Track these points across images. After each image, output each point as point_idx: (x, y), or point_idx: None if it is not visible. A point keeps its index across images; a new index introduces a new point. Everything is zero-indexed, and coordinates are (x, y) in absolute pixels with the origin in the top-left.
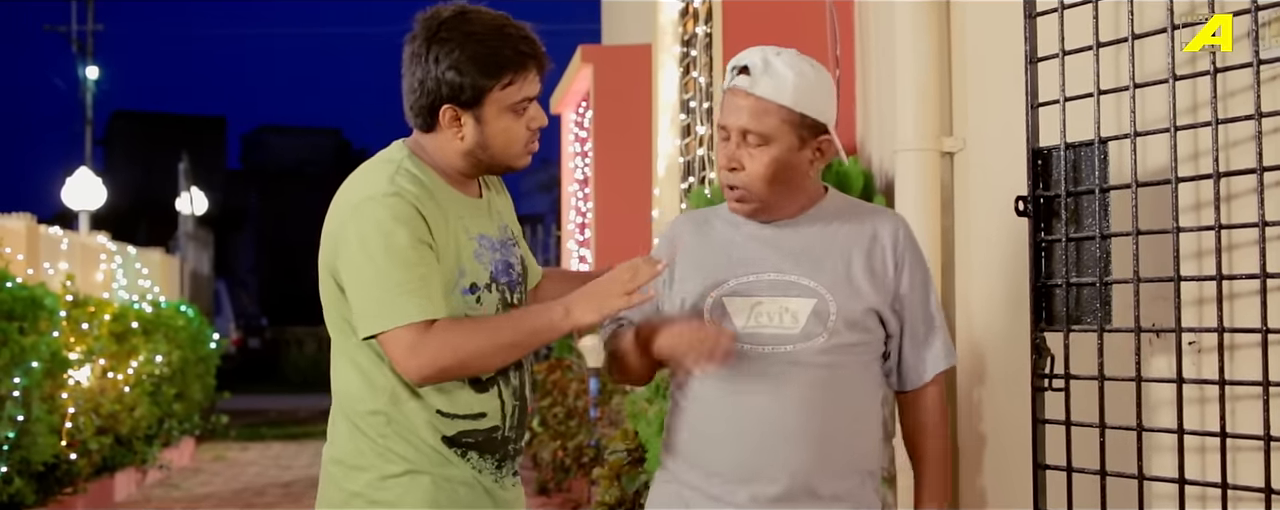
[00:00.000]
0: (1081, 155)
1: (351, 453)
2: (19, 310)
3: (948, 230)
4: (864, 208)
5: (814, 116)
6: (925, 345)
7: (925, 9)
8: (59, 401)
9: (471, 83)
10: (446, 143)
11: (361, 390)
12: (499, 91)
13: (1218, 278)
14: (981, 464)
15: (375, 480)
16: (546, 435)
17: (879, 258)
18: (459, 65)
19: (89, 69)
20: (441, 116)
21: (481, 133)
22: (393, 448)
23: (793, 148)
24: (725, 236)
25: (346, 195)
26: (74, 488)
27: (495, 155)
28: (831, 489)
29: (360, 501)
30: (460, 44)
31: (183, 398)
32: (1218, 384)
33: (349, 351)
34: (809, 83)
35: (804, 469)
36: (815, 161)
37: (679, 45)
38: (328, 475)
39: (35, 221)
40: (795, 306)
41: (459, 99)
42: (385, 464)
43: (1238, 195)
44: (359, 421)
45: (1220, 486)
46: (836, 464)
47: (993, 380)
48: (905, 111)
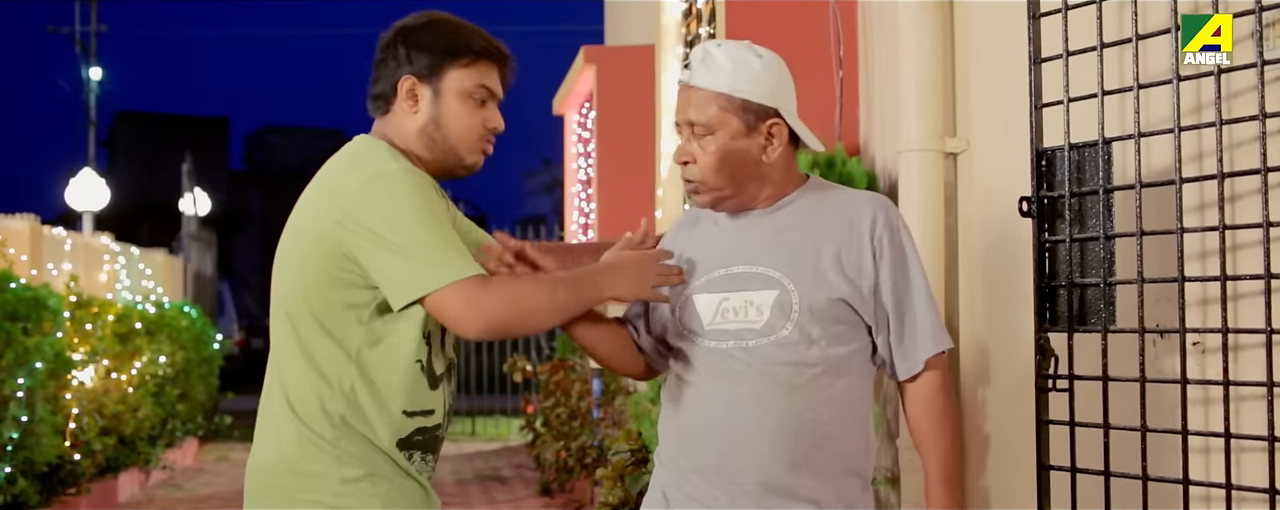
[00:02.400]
0: (1085, 156)
1: (301, 459)
2: (23, 311)
3: (951, 230)
4: (844, 195)
5: (757, 101)
6: (914, 330)
7: (929, 9)
8: (63, 402)
9: (431, 59)
10: (403, 120)
11: (317, 389)
12: (457, 69)
13: (1222, 278)
14: (985, 465)
15: (334, 485)
16: (549, 436)
17: (854, 246)
18: (422, 44)
19: (92, 70)
20: (399, 86)
21: (437, 108)
22: (348, 450)
23: (739, 134)
24: (707, 233)
25: (341, 179)
26: (78, 488)
27: (448, 137)
28: (811, 489)
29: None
30: (425, 30)
31: (186, 398)
32: (1222, 385)
33: (307, 347)
34: (749, 69)
35: (774, 467)
36: (769, 147)
37: (682, 46)
38: (273, 486)
39: (39, 222)
40: (760, 299)
41: (417, 70)
42: (342, 468)
43: (1242, 196)
44: (311, 423)
45: (1225, 487)
46: (814, 463)
47: (996, 381)
48: (909, 112)
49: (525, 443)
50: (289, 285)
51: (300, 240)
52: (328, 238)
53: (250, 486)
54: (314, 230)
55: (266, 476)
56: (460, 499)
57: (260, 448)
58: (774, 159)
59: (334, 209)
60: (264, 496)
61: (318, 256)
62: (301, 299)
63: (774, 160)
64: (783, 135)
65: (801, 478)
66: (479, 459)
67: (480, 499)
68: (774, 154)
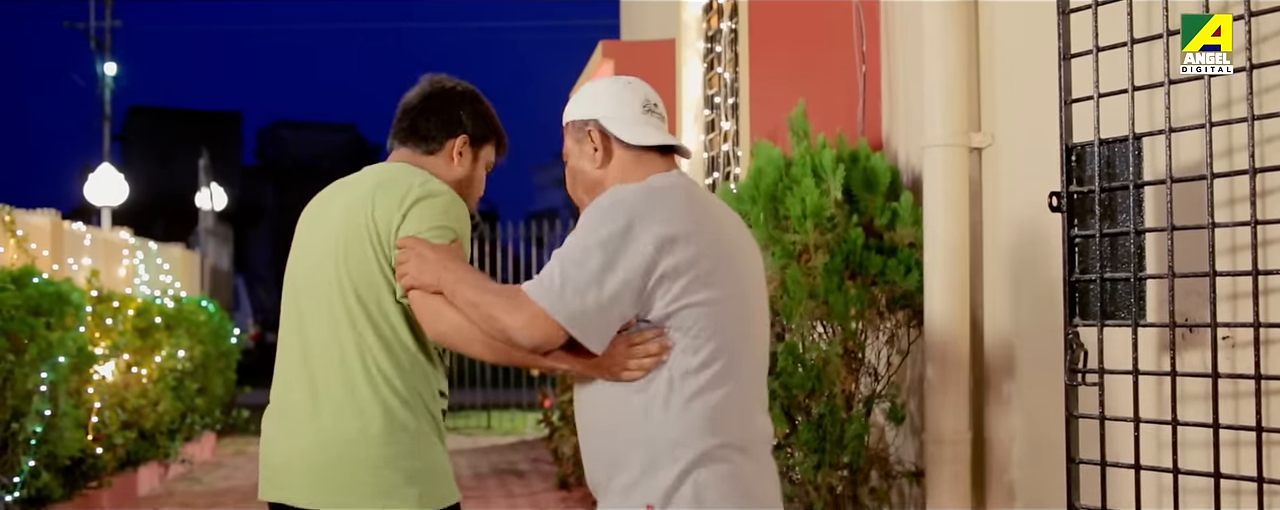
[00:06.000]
0: (1115, 151)
1: (389, 430)
2: (46, 306)
3: (975, 225)
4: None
5: (580, 117)
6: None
7: (953, 6)
8: (85, 396)
9: (483, 132)
10: (444, 167)
11: (400, 368)
12: (489, 147)
13: (1254, 273)
14: (1011, 458)
15: (423, 452)
16: (567, 429)
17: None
18: (483, 116)
19: (107, 65)
20: (454, 142)
21: (471, 168)
22: (417, 420)
23: (574, 152)
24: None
25: (401, 180)
26: (99, 482)
27: (470, 193)
28: (620, 481)
29: (428, 476)
30: (483, 105)
31: (204, 392)
32: (1253, 378)
33: (382, 328)
34: (578, 94)
35: (589, 462)
36: (599, 150)
37: (702, 41)
38: (370, 460)
39: (60, 217)
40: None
41: (473, 136)
42: (428, 437)
43: (1273, 191)
44: (390, 399)
45: (1256, 481)
46: (608, 455)
47: (1021, 375)
48: (933, 107)
49: (542, 437)
50: (363, 262)
51: (377, 218)
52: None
53: (334, 458)
54: (394, 204)
55: (368, 449)
56: (478, 493)
57: (338, 424)
58: (607, 166)
59: (403, 198)
60: (366, 470)
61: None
62: (368, 289)
63: (610, 168)
64: (596, 138)
65: (611, 471)
66: (495, 453)
67: (498, 493)
68: (599, 158)
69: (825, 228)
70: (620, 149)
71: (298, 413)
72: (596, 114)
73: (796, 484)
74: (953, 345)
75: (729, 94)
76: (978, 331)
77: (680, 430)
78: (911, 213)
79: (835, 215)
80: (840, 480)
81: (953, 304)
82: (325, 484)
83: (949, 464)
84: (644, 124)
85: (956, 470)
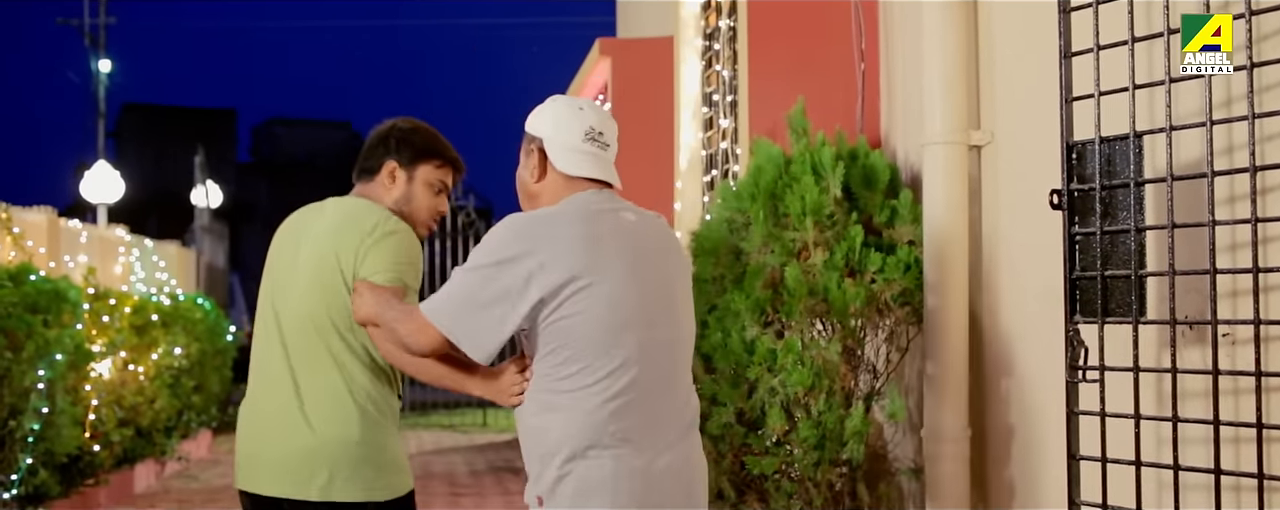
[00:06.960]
0: (1116, 149)
1: (367, 432)
2: (43, 303)
3: (975, 222)
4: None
5: (530, 132)
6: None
7: (953, 4)
8: (82, 393)
9: (411, 153)
10: (381, 192)
11: (368, 381)
12: (428, 167)
13: (1254, 270)
14: (1009, 455)
15: (390, 447)
16: None
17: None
18: (405, 142)
19: (101, 62)
20: (383, 168)
21: (408, 190)
22: (385, 422)
23: (523, 160)
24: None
25: (361, 222)
26: (96, 479)
27: (410, 212)
28: (529, 486)
29: (393, 468)
30: (411, 134)
31: (201, 390)
32: (1254, 375)
33: (354, 346)
34: (539, 107)
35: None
36: (537, 167)
37: (701, 38)
38: (352, 457)
39: (56, 215)
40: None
41: (401, 159)
42: (392, 434)
43: (1273, 188)
44: (367, 406)
45: (1257, 477)
46: (529, 467)
47: (1020, 372)
48: (933, 105)
49: None
50: (335, 284)
51: (339, 253)
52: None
53: (325, 456)
54: (354, 246)
55: (348, 448)
56: (474, 490)
57: (330, 423)
58: (541, 182)
59: (355, 238)
60: (346, 464)
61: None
62: (340, 312)
63: (544, 185)
64: (536, 156)
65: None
66: (491, 450)
67: (494, 489)
68: (536, 175)
69: (825, 225)
70: (554, 171)
71: (287, 416)
72: (542, 133)
73: (796, 481)
74: (952, 342)
75: (728, 91)
76: (977, 329)
77: (570, 430)
78: (911, 210)
79: (835, 213)
80: (840, 477)
81: (952, 301)
82: (321, 478)
83: (949, 461)
84: (580, 152)
85: (956, 467)
